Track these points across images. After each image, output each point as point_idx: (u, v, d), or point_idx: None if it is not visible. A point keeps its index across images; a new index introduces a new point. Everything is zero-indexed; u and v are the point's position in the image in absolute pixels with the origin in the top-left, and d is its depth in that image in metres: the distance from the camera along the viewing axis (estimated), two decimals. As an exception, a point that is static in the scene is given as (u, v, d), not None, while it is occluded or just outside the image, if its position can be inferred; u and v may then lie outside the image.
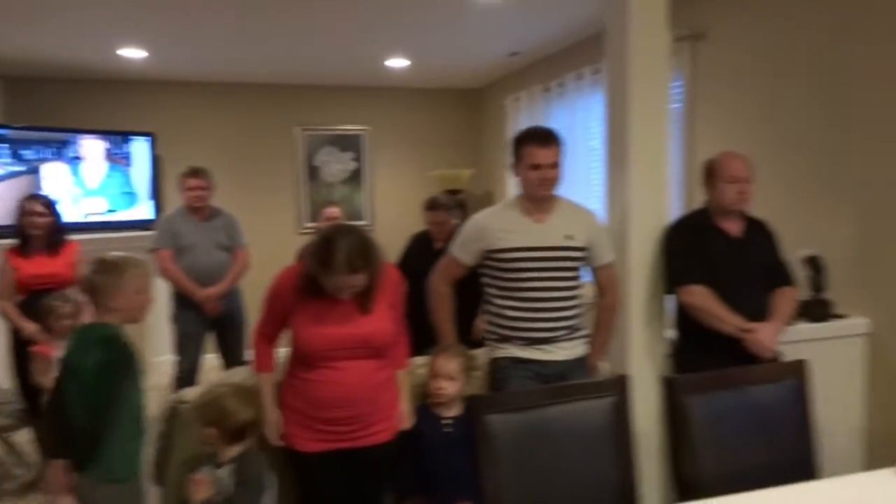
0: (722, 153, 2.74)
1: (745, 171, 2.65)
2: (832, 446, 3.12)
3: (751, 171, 2.66)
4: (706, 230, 2.69)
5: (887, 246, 3.04)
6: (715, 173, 2.67)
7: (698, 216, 2.76)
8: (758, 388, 1.95)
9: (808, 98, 3.38)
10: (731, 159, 2.68)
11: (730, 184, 2.63)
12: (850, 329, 3.14)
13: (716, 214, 2.70)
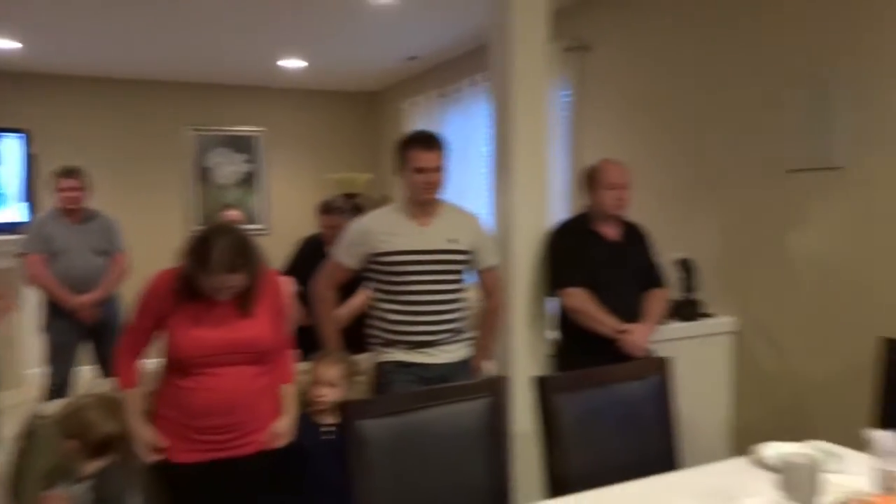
0: (601, 160, 2.85)
1: (624, 178, 2.76)
2: (703, 438, 3.30)
3: (628, 178, 2.77)
4: (586, 234, 2.79)
5: (751, 250, 3.25)
6: (595, 180, 2.77)
7: (578, 221, 2.86)
8: (624, 385, 2.02)
9: (682, 108, 3.58)
10: (610, 167, 2.78)
11: (608, 190, 2.73)
12: (717, 327, 3.34)
13: (595, 219, 2.81)
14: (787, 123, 3.03)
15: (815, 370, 2.99)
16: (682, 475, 1.88)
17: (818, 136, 2.91)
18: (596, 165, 2.82)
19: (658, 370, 2.08)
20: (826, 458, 1.84)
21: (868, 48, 2.73)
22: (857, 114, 2.77)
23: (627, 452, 2.00)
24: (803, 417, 3.02)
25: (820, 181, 2.92)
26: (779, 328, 3.15)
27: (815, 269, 2.97)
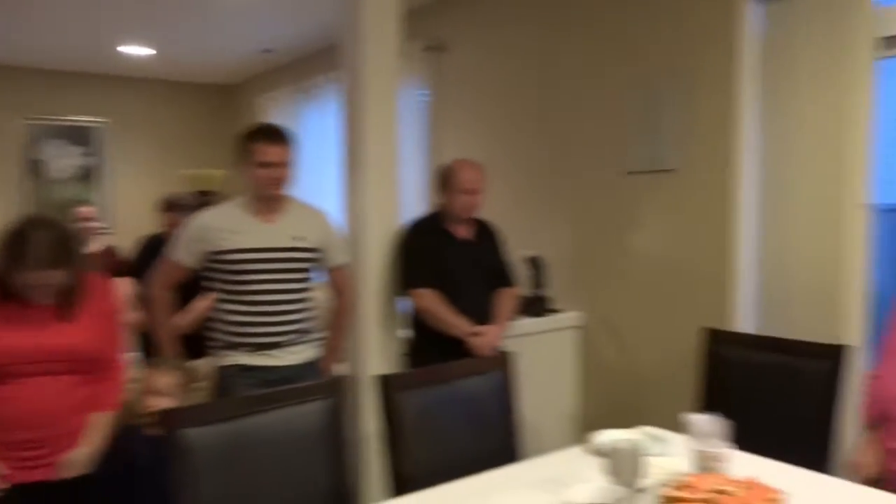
0: (456, 162, 2.83)
1: (478, 182, 2.75)
2: (551, 429, 3.42)
3: (482, 182, 2.77)
4: (437, 234, 2.79)
5: (595, 248, 3.40)
6: (448, 182, 2.75)
7: (430, 220, 2.85)
8: (467, 381, 2.04)
9: (532, 110, 3.69)
10: (465, 170, 2.75)
11: (461, 195, 2.72)
12: (564, 322, 3.46)
13: (447, 219, 2.81)
14: (628, 127, 3.20)
15: (649, 360, 3.18)
16: (522, 466, 1.92)
17: (653, 140, 3.09)
18: (450, 166, 2.81)
19: (500, 365, 2.11)
20: (652, 442, 1.94)
21: (693, 57, 2.93)
22: (685, 119, 2.97)
23: (471, 447, 2.01)
24: (639, 405, 3.20)
25: (655, 182, 3.11)
26: (619, 322, 3.31)
27: (651, 265, 3.15)
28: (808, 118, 2.55)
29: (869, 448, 1.86)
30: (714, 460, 1.62)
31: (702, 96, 2.91)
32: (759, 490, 1.45)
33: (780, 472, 1.75)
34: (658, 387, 3.14)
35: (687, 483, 1.49)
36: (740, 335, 2.61)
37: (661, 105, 3.05)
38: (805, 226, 2.57)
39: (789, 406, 2.23)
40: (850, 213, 2.45)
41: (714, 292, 2.87)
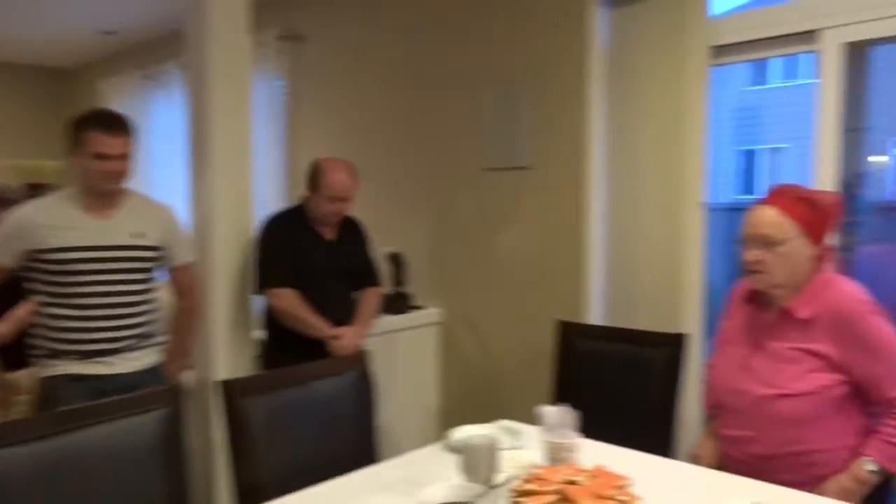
0: (328, 163, 2.64)
1: (348, 190, 2.61)
2: (415, 426, 3.41)
3: (353, 190, 2.64)
4: (299, 230, 2.65)
5: (453, 245, 3.42)
6: (317, 184, 2.60)
7: (293, 215, 2.70)
8: (321, 383, 1.96)
9: (393, 104, 3.65)
10: (335, 175, 2.59)
11: (328, 201, 2.59)
12: (426, 319, 3.46)
13: (311, 217, 2.67)
14: (484, 124, 3.24)
15: (507, 354, 3.24)
16: (379, 468, 1.87)
17: (509, 138, 3.15)
18: (321, 167, 2.62)
19: (356, 365, 2.05)
20: (507, 435, 1.96)
21: (546, 59, 3.01)
22: (538, 118, 3.05)
23: (325, 451, 1.93)
24: (499, 399, 3.26)
25: (511, 179, 3.16)
26: (478, 317, 3.35)
27: (508, 260, 3.21)
28: (650, 120, 2.69)
29: (707, 439, 1.96)
30: (565, 451, 1.65)
31: (554, 96, 2.99)
32: (607, 478, 1.48)
33: (627, 458, 1.82)
34: (516, 380, 3.21)
35: (538, 476, 1.50)
36: (589, 326, 2.72)
37: (516, 104, 3.11)
38: (648, 223, 2.71)
39: (636, 393, 2.34)
40: (688, 211, 2.61)
41: (568, 286, 2.97)
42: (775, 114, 12.39)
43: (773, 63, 12.47)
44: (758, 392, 1.73)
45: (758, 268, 1.74)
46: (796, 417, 1.68)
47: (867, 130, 2.81)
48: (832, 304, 1.69)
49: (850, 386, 1.67)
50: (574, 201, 2.93)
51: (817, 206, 1.72)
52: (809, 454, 1.68)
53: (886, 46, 2.45)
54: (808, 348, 1.69)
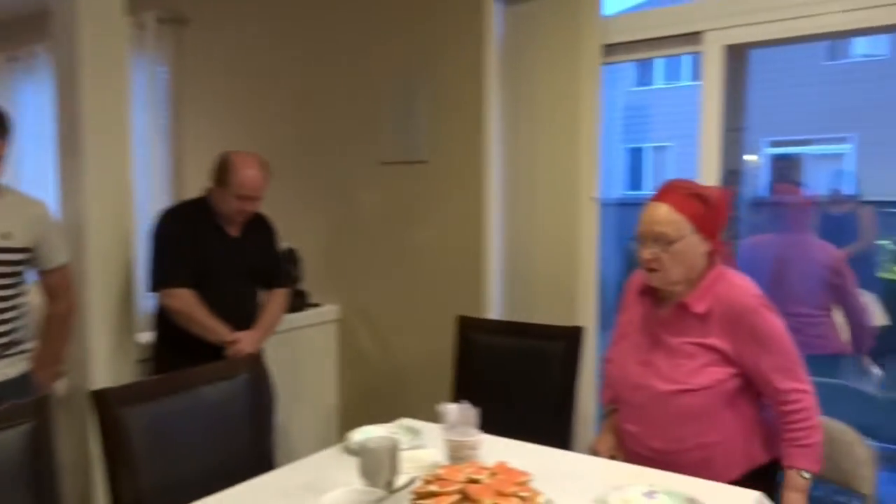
0: (238, 157, 2.44)
1: (258, 189, 2.44)
2: (315, 428, 3.32)
3: (265, 185, 2.47)
4: (201, 225, 2.46)
5: (350, 240, 3.35)
6: (225, 180, 2.41)
7: (195, 209, 2.49)
8: (210, 388, 1.84)
9: (286, 95, 3.52)
10: (248, 172, 2.40)
11: (236, 199, 2.41)
12: (324, 316, 3.37)
13: (216, 211, 2.48)
14: (380, 117, 3.17)
15: (408, 351, 3.21)
16: (275, 475, 1.78)
17: (406, 131, 3.10)
18: (231, 161, 2.42)
19: (248, 368, 1.94)
20: (407, 435, 1.92)
21: (444, 52, 2.99)
22: (436, 112, 3.02)
23: (217, 460, 1.82)
24: (401, 397, 3.22)
25: (409, 173, 3.12)
26: (378, 314, 3.30)
27: (407, 256, 3.17)
28: (545, 116, 2.73)
29: (605, 433, 1.99)
30: (466, 449, 1.64)
31: (452, 90, 2.97)
32: (508, 475, 1.48)
33: (528, 453, 1.83)
34: (417, 377, 3.17)
35: (439, 476, 1.47)
36: (487, 321, 2.72)
37: (413, 97, 3.07)
38: (545, 218, 2.75)
39: (535, 387, 2.37)
40: (583, 206, 2.66)
41: (468, 281, 2.96)
42: (659, 113, 13.05)
43: (657, 65, 13.12)
44: (659, 388, 1.76)
45: (654, 266, 1.75)
46: (696, 412, 1.72)
47: (744, 130, 2.98)
48: (725, 299, 1.74)
49: (742, 379, 1.73)
50: (472, 196, 2.93)
51: (709, 202, 1.75)
52: (707, 447, 1.74)
53: (761, 50, 2.60)
54: (703, 343, 1.74)
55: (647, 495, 1.53)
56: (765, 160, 10.14)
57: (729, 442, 1.74)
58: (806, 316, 2.97)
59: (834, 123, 11.05)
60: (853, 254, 3.55)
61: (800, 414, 1.68)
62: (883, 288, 5.53)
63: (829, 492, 3.11)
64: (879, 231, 5.97)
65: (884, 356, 3.91)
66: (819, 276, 3.03)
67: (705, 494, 1.53)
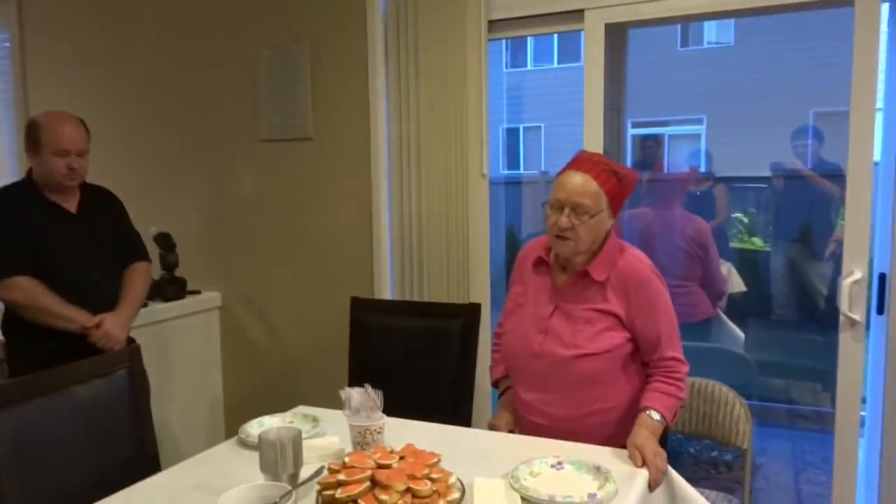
0: (47, 115, 2.30)
1: (79, 141, 2.26)
2: (200, 424, 3.13)
3: (84, 142, 2.29)
4: (32, 207, 2.25)
5: (231, 222, 3.17)
6: (38, 141, 2.22)
7: (21, 190, 2.29)
8: (85, 387, 1.67)
9: (153, 63, 3.24)
10: (61, 127, 2.24)
11: (58, 157, 2.21)
12: (205, 304, 3.18)
13: (45, 187, 2.28)
14: (260, 90, 3.01)
15: (300, 336, 3.09)
16: (165, 476, 1.64)
17: (288, 107, 2.96)
18: (38, 121, 2.26)
19: (125, 362, 1.78)
20: (306, 423, 1.84)
21: (327, 26, 2.87)
22: (320, 87, 2.91)
23: (96, 466, 1.66)
24: (294, 385, 3.10)
25: (293, 151, 2.99)
26: (264, 299, 3.15)
27: (295, 237, 3.04)
28: (434, 91, 2.68)
29: (503, 409, 1.98)
30: (372, 433, 1.59)
31: (337, 65, 2.87)
32: (418, 457, 1.44)
33: (433, 433, 1.80)
34: (311, 363, 3.07)
35: (345, 464, 1.41)
36: (382, 302, 2.67)
37: (295, 72, 2.93)
38: (436, 195, 2.71)
39: (433, 366, 2.34)
40: (473, 182, 2.66)
41: (360, 261, 2.89)
42: (530, 95, 13.42)
43: (528, 48, 13.45)
44: (560, 353, 1.78)
45: (568, 234, 1.76)
46: (595, 376, 1.77)
47: (623, 110, 3.09)
48: (623, 268, 1.80)
49: (634, 345, 1.80)
50: (361, 174, 2.85)
51: (623, 182, 1.80)
52: (605, 412, 1.79)
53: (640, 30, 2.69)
54: (601, 308, 1.79)
55: (555, 466, 1.55)
56: (629, 140, 10.69)
57: (624, 407, 1.80)
58: (676, 287, 3.15)
59: (689, 106, 11.82)
60: (714, 227, 3.80)
61: (672, 374, 1.76)
62: (738, 257, 6.01)
63: (703, 448, 3.36)
64: (732, 205, 6.48)
65: (744, 320, 4.25)
66: (686, 248, 3.23)
67: (608, 461, 1.58)
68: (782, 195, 4.83)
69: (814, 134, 4.92)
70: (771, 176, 4.68)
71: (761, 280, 5.20)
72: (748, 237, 6.14)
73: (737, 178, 7.63)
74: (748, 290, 4.26)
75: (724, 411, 2.08)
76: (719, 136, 11.52)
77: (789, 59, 9.32)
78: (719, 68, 11.89)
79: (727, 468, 3.29)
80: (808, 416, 4.08)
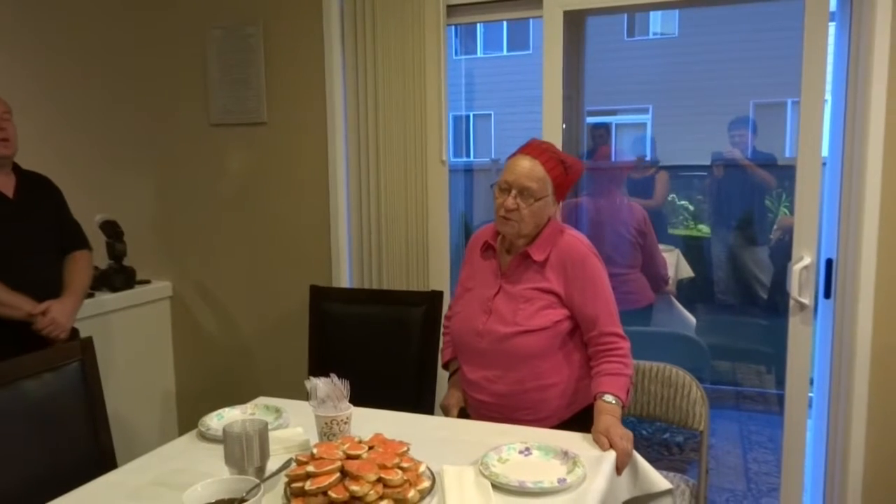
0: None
1: (0, 104, 2.18)
2: (153, 416, 3.04)
3: (6, 113, 2.20)
4: None
5: (181, 209, 3.07)
6: None
7: None
8: (34, 382, 1.59)
9: (94, 42, 3.10)
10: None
11: None
12: (155, 294, 3.08)
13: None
14: (209, 73, 2.91)
15: (256, 326, 3.02)
16: (121, 473, 1.58)
17: (240, 89, 2.88)
18: None
19: (77, 355, 1.70)
20: (268, 414, 1.81)
21: (283, 7, 2.80)
22: (274, 71, 2.83)
23: (46, 465, 1.59)
24: (250, 376, 3.04)
25: (246, 136, 2.91)
26: (218, 288, 3.07)
27: (249, 224, 2.97)
28: (392, 76, 2.64)
29: (453, 388, 2.02)
30: (339, 424, 1.56)
31: (292, 47, 2.80)
32: (387, 447, 1.42)
33: (401, 421, 1.79)
34: (268, 354, 3.01)
35: (314, 455, 1.39)
36: (343, 290, 2.63)
37: (248, 54, 2.85)
38: (394, 181, 2.67)
39: (395, 354, 2.33)
40: (433, 168, 2.63)
41: (318, 249, 2.84)
42: (481, 83, 13.43)
43: (478, 36, 13.45)
44: (500, 331, 1.82)
45: (512, 216, 1.81)
46: (533, 352, 1.80)
47: (580, 98, 3.11)
48: (563, 248, 1.84)
49: (572, 322, 1.83)
50: (318, 160, 2.80)
51: (569, 171, 1.87)
52: (545, 389, 1.82)
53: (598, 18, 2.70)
54: (541, 287, 1.82)
55: (523, 452, 1.56)
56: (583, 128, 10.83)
57: (562, 384, 1.84)
58: (619, 275, 3.19)
59: (635, 95, 12.03)
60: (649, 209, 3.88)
61: (615, 352, 1.79)
62: (684, 243, 6.16)
63: (656, 430, 3.44)
64: (676, 192, 6.63)
65: (693, 305, 4.36)
66: (626, 235, 3.27)
67: (574, 445, 1.59)
68: (722, 183, 4.97)
69: (748, 124, 5.07)
70: (711, 165, 4.81)
71: (706, 266, 5.34)
72: (694, 224, 6.30)
73: (682, 167, 7.81)
74: (695, 276, 4.37)
75: (681, 394, 2.13)
76: (664, 125, 11.76)
77: (731, 51, 9.57)
78: (665, 59, 12.13)
79: (679, 449, 3.39)
80: (754, 397, 4.23)
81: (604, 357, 1.78)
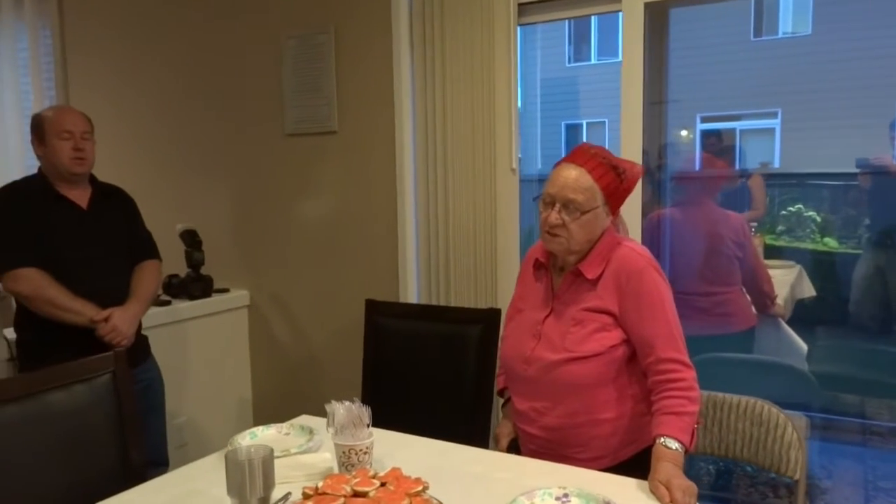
0: (50, 108, 2.33)
1: (80, 124, 2.25)
2: (227, 423, 3.07)
3: (87, 125, 2.28)
4: (43, 199, 2.21)
5: (258, 219, 3.09)
6: (43, 129, 2.21)
7: (33, 183, 2.26)
8: (63, 393, 1.59)
9: (181, 57, 3.19)
10: (62, 113, 2.27)
11: (62, 141, 2.20)
12: (233, 302, 3.12)
13: (56, 180, 2.24)
14: (284, 83, 2.91)
15: (325, 337, 2.98)
16: (138, 491, 1.52)
17: (312, 100, 2.85)
18: (43, 113, 2.27)
19: (108, 366, 1.68)
20: (301, 436, 1.71)
21: (352, 17, 2.75)
22: (345, 80, 2.79)
23: (67, 481, 1.56)
24: (316, 386, 3.00)
25: (318, 145, 2.88)
26: (290, 298, 3.06)
27: (320, 234, 2.94)
28: (461, 81, 2.51)
29: (504, 420, 1.85)
30: (357, 454, 1.44)
31: (361, 54, 2.74)
32: (400, 484, 1.29)
33: (432, 452, 1.64)
34: (333, 365, 2.96)
35: (317, 489, 1.27)
36: (398, 305, 2.53)
37: (320, 62, 2.82)
38: (462, 191, 2.54)
39: (450, 373, 2.18)
40: (502, 178, 2.47)
41: (384, 260, 2.76)
42: (593, 89, 13.05)
43: (592, 41, 13.09)
44: (548, 358, 1.63)
45: (559, 232, 1.62)
46: (585, 381, 1.59)
47: (668, 104, 2.83)
48: (616, 261, 1.63)
49: (629, 347, 1.61)
50: (389, 170, 2.72)
51: (623, 178, 1.64)
52: (598, 424, 1.61)
53: (692, 26, 2.44)
54: (594, 306, 1.62)
55: (560, 499, 1.36)
56: (697, 135, 10.24)
57: (618, 419, 1.62)
58: (716, 294, 2.83)
59: (762, 99, 11.23)
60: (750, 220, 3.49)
61: (676, 384, 1.54)
62: (810, 259, 5.59)
63: (762, 468, 3.06)
64: (803, 203, 6.04)
65: (813, 328, 3.90)
66: (724, 249, 2.91)
67: (618, 494, 1.37)
68: (868, 192, 4.42)
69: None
70: (857, 172, 4.28)
71: (834, 283, 4.81)
72: (820, 238, 5.71)
73: (810, 175, 7.14)
74: (819, 295, 3.90)
75: (773, 435, 1.84)
76: (792, 130, 10.91)
77: (873, 48, 8.71)
78: (795, 59, 11.26)
79: (788, 492, 2.99)
80: (884, 433, 3.70)
81: (664, 391, 1.54)
